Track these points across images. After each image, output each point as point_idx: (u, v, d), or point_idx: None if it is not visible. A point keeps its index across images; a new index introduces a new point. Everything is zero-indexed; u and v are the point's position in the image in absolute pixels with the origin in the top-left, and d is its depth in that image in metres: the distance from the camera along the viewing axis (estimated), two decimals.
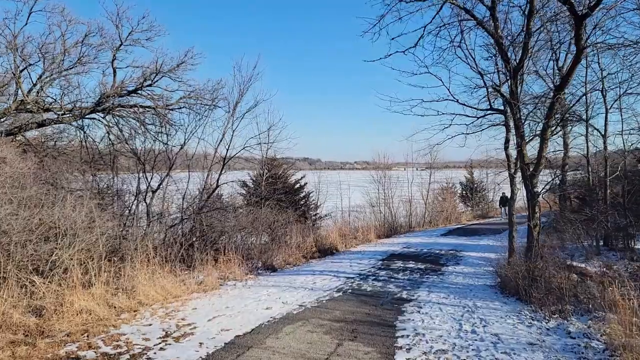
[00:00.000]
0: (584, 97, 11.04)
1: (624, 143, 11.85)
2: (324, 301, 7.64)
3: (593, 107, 12.28)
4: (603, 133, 12.38)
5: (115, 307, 7.01)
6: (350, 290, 8.47)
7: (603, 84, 11.71)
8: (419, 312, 6.95)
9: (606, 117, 12.32)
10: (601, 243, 12.38)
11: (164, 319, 6.59)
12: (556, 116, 8.40)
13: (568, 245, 11.91)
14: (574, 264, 10.03)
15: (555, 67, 11.99)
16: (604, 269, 10.40)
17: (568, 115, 9.82)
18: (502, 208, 25.94)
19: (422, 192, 25.16)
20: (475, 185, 31.26)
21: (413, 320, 6.49)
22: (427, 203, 24.80)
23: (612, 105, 12.25)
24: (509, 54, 8.17)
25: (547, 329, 5.93)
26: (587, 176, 11.94)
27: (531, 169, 8.04)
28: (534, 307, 6.95)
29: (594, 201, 12.83)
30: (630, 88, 11.66)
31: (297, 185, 21.78)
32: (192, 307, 7.27)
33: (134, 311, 6.97)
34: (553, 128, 8.59)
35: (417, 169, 27.43)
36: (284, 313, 6.89)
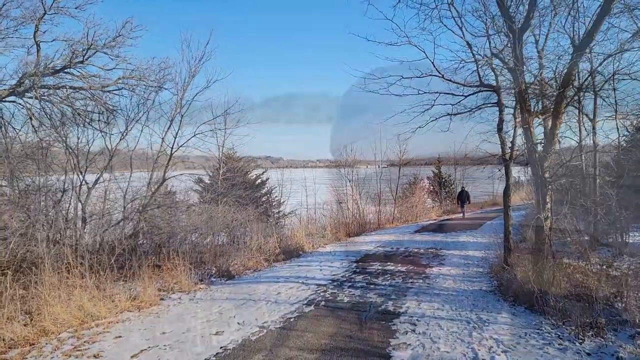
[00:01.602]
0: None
1: (617, 128, 10.83)
2: (291, 319, 5.98)
3: (585, 91, 11.18)
4: (592, 117, 11.36)
5: (4, 340, 5.11)
6: (323, 303, 6.86)
7: (591, 62, 10.60)
8: (414, 331, 5.42)
9: (595, 100, 11.28)
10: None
11: (69, 356, 4.74)
12: (574, 84, 7.10)
13: (554, 241, 10.82)
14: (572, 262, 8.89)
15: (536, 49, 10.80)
16: (606, 267, 9.35)
17: (588, 82, 8.49)
18: (463, 205, 23.01)
19: (391, 188, 23.88)
20: (444, 180, 30.41)
21: (410, 344, 4.95)
22: (397, 199, 23.55)
23: (602, 87, 11.21)
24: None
25: (588, 354, 4.52)
26: (581, 164, 10.85)
27: (540, 150, 6.69)
28: (554, 320, 5.58)
29: (580, 192, 11.81)
30: (622, 68, 10.63)
31: (259, 181, 20.13)
32: (115, 335, 5.45)
33: (31, 344, 5.08)
34: (569, 100, 7.27)
35: (379, 167, 25.89)
36: (239, 340, 5.19)
